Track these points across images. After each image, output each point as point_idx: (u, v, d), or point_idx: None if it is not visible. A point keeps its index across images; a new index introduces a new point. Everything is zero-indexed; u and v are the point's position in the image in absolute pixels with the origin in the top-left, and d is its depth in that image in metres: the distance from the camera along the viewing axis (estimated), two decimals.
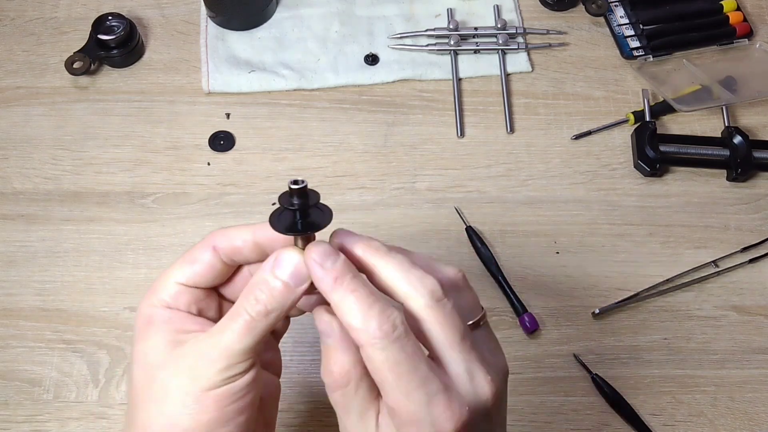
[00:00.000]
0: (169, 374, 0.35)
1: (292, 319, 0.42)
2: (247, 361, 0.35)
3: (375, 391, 0.35)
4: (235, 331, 0.34)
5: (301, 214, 0.35)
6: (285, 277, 0.35)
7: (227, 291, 0.40)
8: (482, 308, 0.38)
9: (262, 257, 0.37)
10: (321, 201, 0.35)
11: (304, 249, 0.35)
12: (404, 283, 0.34)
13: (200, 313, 0.38)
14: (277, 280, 0.35)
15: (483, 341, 0.36)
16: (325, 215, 0.35)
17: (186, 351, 0.35)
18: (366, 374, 0.34)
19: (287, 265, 0.35)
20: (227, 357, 0.34)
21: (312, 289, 0.35)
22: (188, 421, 0.34)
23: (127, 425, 0.37)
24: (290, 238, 0.35)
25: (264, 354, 0.41)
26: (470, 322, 0.36)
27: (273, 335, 0.42)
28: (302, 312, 0.40)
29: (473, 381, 0.34)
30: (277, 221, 0.35)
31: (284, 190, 0.35)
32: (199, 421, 0.34)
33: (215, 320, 0.37)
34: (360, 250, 0.35)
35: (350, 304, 0.33)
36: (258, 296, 0.34)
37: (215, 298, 0.40)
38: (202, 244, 0.38)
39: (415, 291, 0.34)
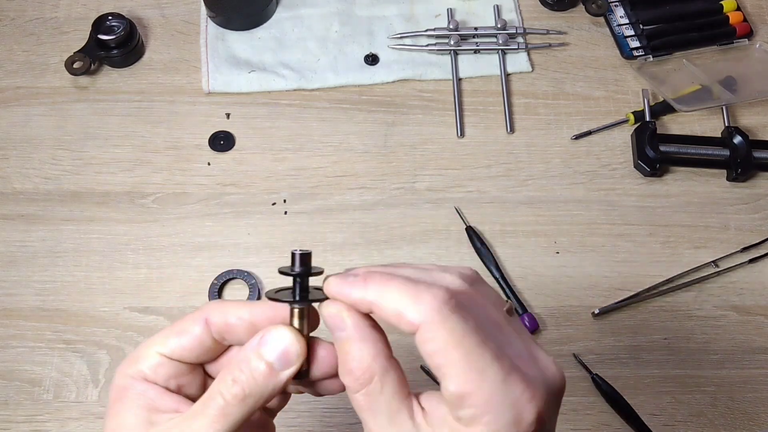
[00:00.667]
0: None
1: None
2: None
3: (404, 389, 0.31)
4: (208, 417, 0.31)
5: (300, 286, 0.32)
6: (270, 357, 0.31)
7: (213, 370, 0.36)
8: (506, 299, 0.34)
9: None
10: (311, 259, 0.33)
11: (300, 329, 0.32)
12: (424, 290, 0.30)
13: (179, 390, 0.34)
14: (260, 361, 0.31)
15: (523, 330, 0.32)
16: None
17: None
18: (391, 368, 0.30)
19: (275, 343, 0.31)
20: None
21: (300, 376, 0.32)
22: None
23: None
24: (287, 317, 0.33)
25: None
26: (505, 308, 0.32)
27: (267, 412, 0.37)
28: (302, 392, 0.36)
29: (538, 363, 0.30)
30: (274, 294, 0.33)
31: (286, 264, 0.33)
32: None
33: (195, 399, 0.33)
34: (361, 292, 0.30)
35: (392, 289, 0.29)
36: (237, 376, 0.31)
37: (200, 375, 0.35)
38: (195, 315, 0.34)
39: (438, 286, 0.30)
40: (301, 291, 0.32)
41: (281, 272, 0.32)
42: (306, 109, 0.76)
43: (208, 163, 0.73)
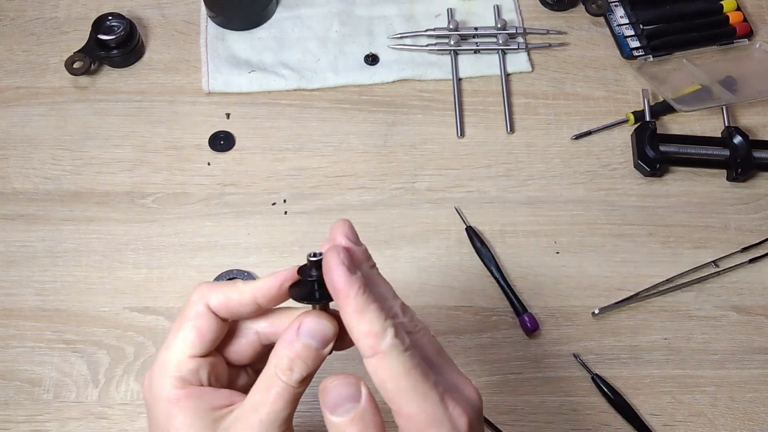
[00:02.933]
0: None
1: None
2: (289, 429, 0.36)
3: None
4: (280, 401, 0.35)
5: (318, 286, 0.36)
6: (313, 342, 0.36)
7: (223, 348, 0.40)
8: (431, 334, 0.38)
9: (258, 313, 0.39)
10: None
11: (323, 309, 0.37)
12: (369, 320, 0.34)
13: (217, 380, 0.38)
14: (304, 346, 0.36)
15: (448, 359, 0.38)
16: None
17: None
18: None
19: (313, 330, 0.36)
20: (276, 429, 0.35)
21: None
22: None
23: None
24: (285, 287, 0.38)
25: None
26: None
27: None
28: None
29: (460, 386, 0.36)
30: (297, 292, 0.37)
31: (303, 264, 0.37)
32: None
33: (225, 384, 0.38)
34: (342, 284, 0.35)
35: (365, 320, 0.34)
36: (292, 365, 0.35)
37: (220, 358, 0.39)
38: (197, 307, 0.37)
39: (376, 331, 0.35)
40: (319, 289, 0.36)
41: (299, 273, 0.37)
42: (306, 109, 0.76)
43: (208, 163, 0.73)
